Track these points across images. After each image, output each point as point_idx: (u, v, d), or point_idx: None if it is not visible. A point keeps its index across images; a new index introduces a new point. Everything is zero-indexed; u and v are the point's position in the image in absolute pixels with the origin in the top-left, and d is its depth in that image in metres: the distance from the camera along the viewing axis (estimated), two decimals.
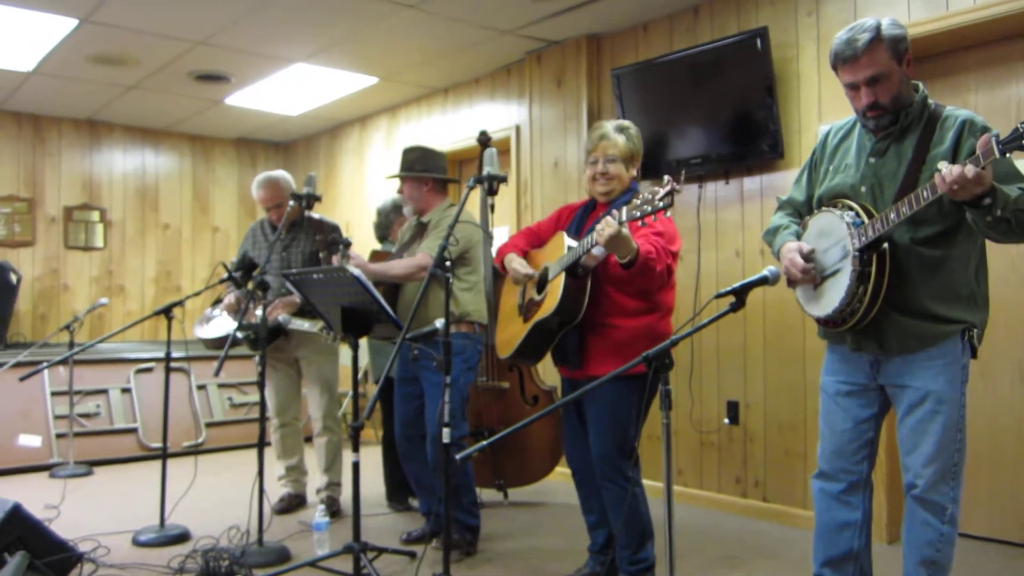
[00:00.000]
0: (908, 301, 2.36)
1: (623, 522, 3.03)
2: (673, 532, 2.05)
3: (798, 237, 2.57)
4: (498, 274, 4.56)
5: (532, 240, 3.32)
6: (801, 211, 2.70)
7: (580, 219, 3.21)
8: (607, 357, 2.96)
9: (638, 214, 2.51)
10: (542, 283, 3.08)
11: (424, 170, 3.90)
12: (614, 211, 2.66)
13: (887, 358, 2.43)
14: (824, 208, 2.50)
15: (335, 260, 3.65)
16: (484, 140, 4.49)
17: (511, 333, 3.21)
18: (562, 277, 2.92)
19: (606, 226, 2.62)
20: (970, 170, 2.01)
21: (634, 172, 3.14)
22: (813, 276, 2.46)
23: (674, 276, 3.09)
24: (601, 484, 3.06)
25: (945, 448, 2.33)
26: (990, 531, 3.79)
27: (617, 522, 3.06)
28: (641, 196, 2.52)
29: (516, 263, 3.19)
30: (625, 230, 2.62)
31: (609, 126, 3.14)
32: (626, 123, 3.18)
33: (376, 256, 4.16)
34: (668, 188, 2.42)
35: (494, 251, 5.86)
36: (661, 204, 2.44)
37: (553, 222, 3.32)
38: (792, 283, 2.55)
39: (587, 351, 3.03)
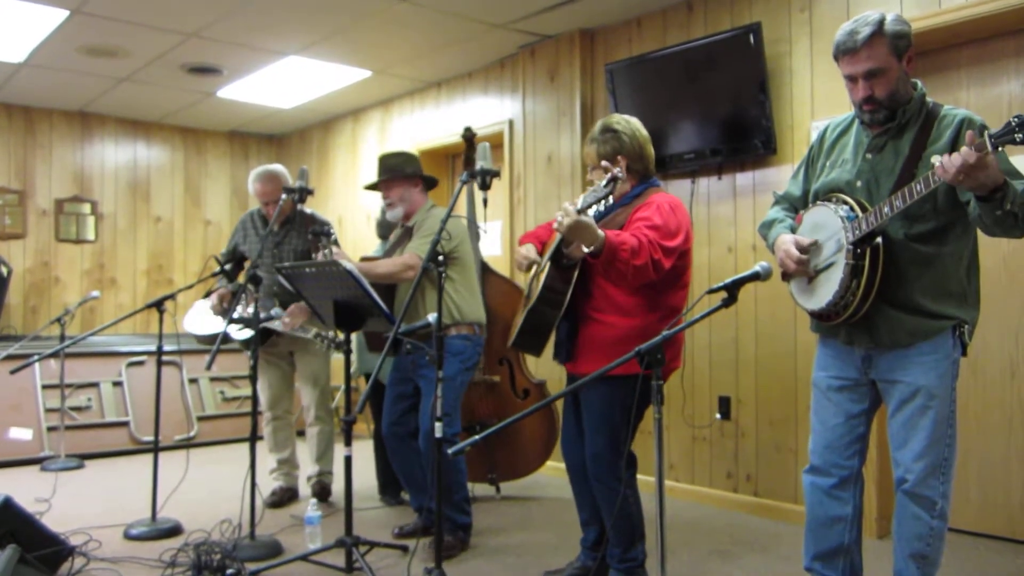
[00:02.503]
0: (900, 295, 2.37)
1: (613, 521, 3.04)
2: (664, 526, 2.06)
3: (793, 231, 2.58)
4: (486, 268, 4.57)
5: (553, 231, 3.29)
6: (797, 206, 2.71)
7: (598, 213, 3.18)
8: (599, 354, 2.92)
9: (591, 201, 2.57)
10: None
11: (413, 172, 3.92)
12: (576, 199, 2.65)
13: (879, 353, 2.45)
14: (819, 202, 2.51)
15: (319, 255, 3.65)
16: (468, 136, 4.51)
17: (516, 321, 3.21)
18: (548, 267, 2.93)
19: (564, 215, 2.59)
20: (968, 153, 2.00)
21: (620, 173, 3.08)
22: (808, 269, 2.47)
23: (688, 275, 3.02)
24: (592, 482, 3.06)
25: (935, 443, 2.35)
26: (979, 526, 3.81)
27: (608, 520, 3.06)
28: (595, 184, 2.57)
29: (522, 249, 3.15)
30: (585, 218, 2.57)
31: (595, 130, 3.08)
32: (615, 123, 3.06)
33: (366, 260, 4.16)
34: (609, 176, 2.51)
35: (494, 247, 5.91)
36: (604, 191, 2.53)
37: None
38: (787, 276, 2.56)
39: (577, 344, 3.02)
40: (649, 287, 2.85)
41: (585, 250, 2.70)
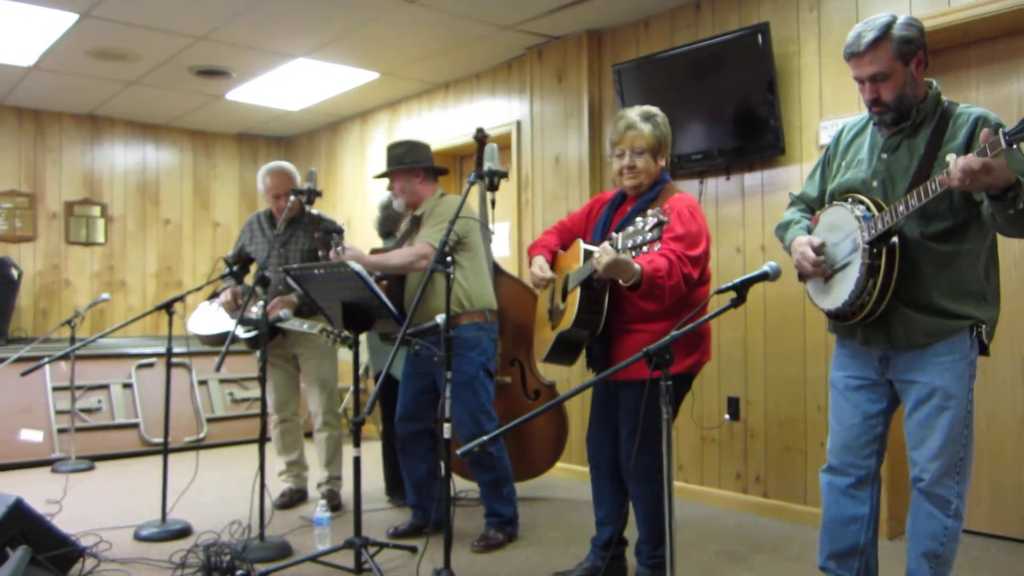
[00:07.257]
0: (917, 295, 2.37)
1: (648, 520, 3.07)
2: (673, 528, 2.06)
3: (809, 231, 2.58)
4: (498, 270, 4.57)
5: (564, 236, 3.28)
6: (813, 206, 2.72)
7: (608, 214, 3.17)
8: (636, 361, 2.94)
9: (631, 244, 2.48)
10: (564, 291, 3.08)
11: (413, 161, 3.88)
12: (613, 235, 2.60)
13: (895, 353, 2.44)
14: (835, 202, 2.51)
15: (332, 254, 3.64)
16: (480, 137, 4.49)
17: (543, 337, 3.21)
18: (578, 291, 2.91)
19: (603, 254, 2.58)
20: (975, 160, 2.01)
21: (663, 162, 3.07)
22: (824, 269, 2.47)
23: (708, 271, 3.04)
24: (629, 481, 3.05)
25: (952, 443, 2.34)
26: (991, 527, 3.79)
27: (644, 521, 3.09)
28: (635, 225, 2.48)
29: (535, 266, 3.15)
30: (623, 256, 2.55)
31: (634, 115, 3.06)
32: (653, 110, 3.10)
33: (375, 253, 4.15)
34: (655, 221, 2.40)
35: (502, 248, 5.91)
36: (651, 236, 2.43)
37: (584, 215, 3.28)
38: (803, 277, 2.56)
39: (613, 356, 3.02)
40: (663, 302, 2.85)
41: (623, 284, 2.71)
